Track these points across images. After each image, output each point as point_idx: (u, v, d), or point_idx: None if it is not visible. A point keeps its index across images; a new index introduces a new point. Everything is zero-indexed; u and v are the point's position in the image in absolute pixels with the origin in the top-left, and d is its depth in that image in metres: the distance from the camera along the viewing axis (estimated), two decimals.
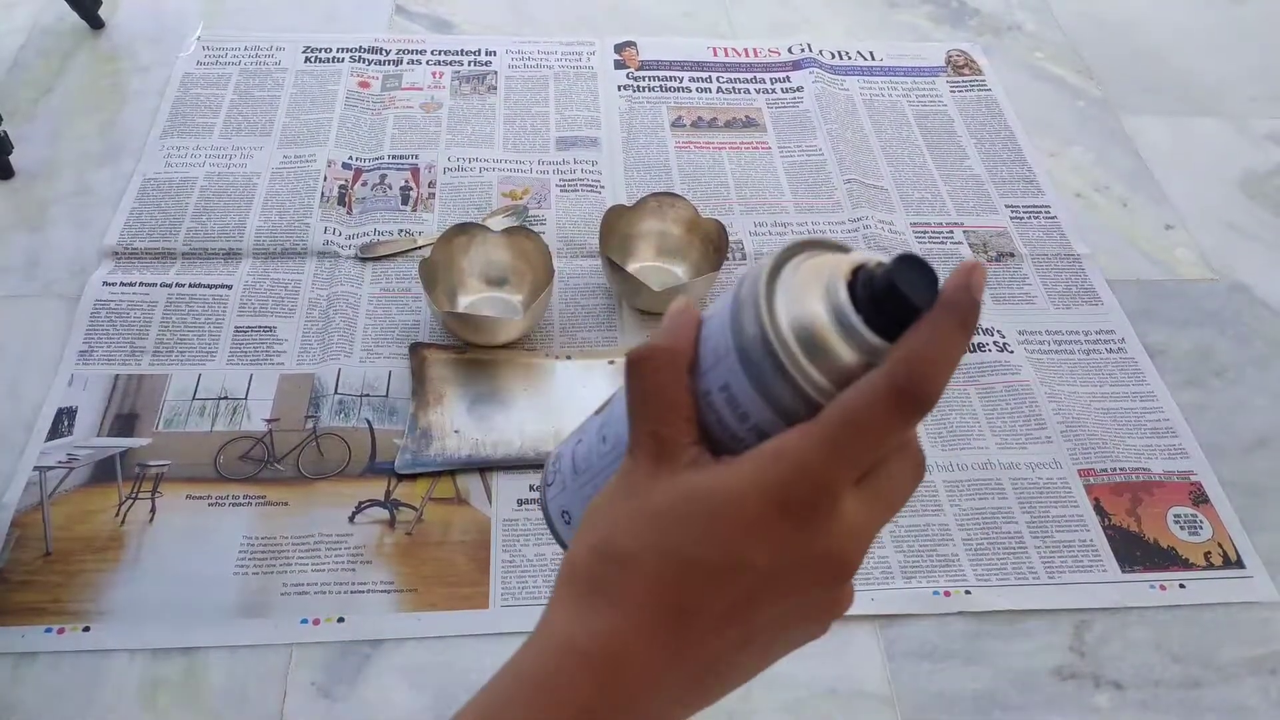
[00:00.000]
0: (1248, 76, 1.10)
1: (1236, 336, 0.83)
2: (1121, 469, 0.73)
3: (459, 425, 0.72)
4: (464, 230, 0.80)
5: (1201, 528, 0.70)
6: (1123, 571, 0.67)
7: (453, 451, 0.71)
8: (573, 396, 0.75)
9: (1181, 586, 0.67)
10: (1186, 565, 0.68)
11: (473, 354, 0.76)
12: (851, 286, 0.26)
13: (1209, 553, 0.69)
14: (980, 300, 0.25)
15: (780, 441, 0.26)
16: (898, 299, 0.25)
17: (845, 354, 0.26)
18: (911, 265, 0.25)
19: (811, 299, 0.26)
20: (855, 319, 0.25)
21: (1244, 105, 1.06)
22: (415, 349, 0.76)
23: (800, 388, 0.26)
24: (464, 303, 0.81)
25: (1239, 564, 0.68)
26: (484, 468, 0.70)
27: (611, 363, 0.78)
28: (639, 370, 0.28)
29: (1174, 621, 0.65)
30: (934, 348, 0.25)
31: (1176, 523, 0.70)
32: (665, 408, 0.27)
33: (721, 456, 0.27)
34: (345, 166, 0.92)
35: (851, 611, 0.67)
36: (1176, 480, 0.73)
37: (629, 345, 0.78)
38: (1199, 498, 0.72)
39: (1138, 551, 0.68)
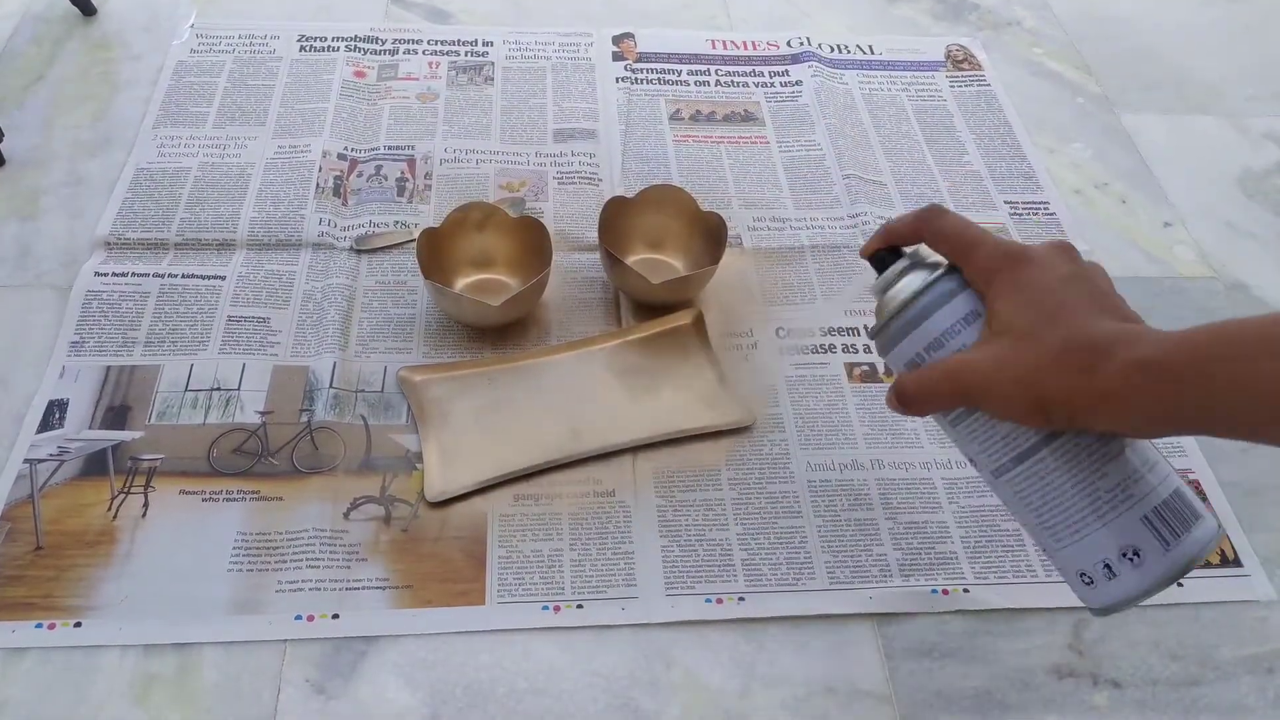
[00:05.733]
0: (1246, 75, 1.09)
1: None
2: None
3: (474, 441, 0.71)
4: (474, 209, 0.79)
5: None
6: None
7: (478, 469, 0.69)
8: (575, 389, 0.74)
9: (1179, 585, 0.67)
10: None
11: (461, 368, 0.75)
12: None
13: None
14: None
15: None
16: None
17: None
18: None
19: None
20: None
21: (1242, 104, 1.06)
22: (402, 380, 0.74)
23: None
24: (461, 284, 0.80)
25: (1236, 563, 0.68)
26: (514, 478, 0.69)
27: (602, 349, 0.77)
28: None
29: (1172, 620, 0.65)
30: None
31: None
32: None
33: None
34: (340, 157, 0.91)
35: (849, 610, 0.66)
36: None
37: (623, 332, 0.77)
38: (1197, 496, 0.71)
39: None
